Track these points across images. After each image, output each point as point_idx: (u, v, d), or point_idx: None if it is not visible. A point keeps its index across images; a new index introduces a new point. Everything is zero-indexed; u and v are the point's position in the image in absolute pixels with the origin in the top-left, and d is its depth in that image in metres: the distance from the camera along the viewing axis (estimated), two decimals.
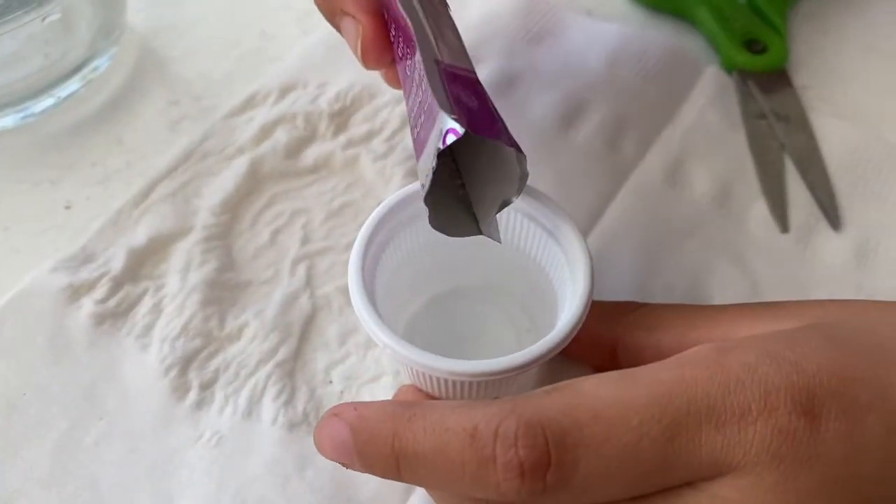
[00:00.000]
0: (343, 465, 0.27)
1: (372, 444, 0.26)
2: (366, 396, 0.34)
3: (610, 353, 0.32)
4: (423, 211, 0.28)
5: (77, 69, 0.42)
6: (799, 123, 0.42)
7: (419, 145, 0.28)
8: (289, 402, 0.33)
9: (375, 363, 0.35)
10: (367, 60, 0.32)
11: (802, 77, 0.45)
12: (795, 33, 0.47)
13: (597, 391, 0.25)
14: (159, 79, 0.44)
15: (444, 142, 0.25)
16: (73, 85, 0.42)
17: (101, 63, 0.43)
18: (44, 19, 0.39)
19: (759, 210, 0.40)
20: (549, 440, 0.24)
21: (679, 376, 0.24)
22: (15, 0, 0.37)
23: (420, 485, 0.27)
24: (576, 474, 0.24)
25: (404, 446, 0.25)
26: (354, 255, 0.29)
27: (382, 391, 0.34)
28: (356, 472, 0.31)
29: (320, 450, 0.27)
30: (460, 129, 0.25)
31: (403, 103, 0.42)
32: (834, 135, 0.42)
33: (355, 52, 0.32)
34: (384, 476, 0.27)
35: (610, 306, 0.33)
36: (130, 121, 0.42)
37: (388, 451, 0.26)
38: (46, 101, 0.42)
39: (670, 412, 0.24)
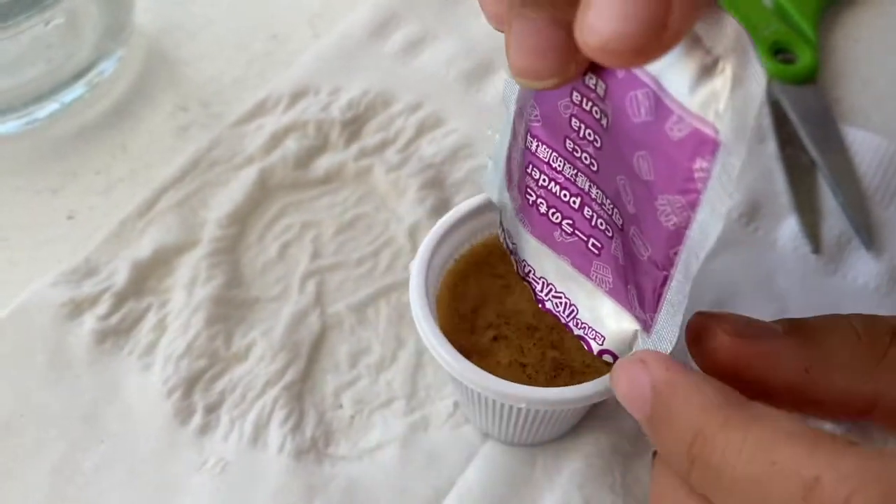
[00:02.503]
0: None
1: (669, 427, 0.21)
2: (378, 422, 0.32)
3: None
4: (486, 225, 0.30)
5: (83, 73, 0.41)
6: (831, 137, 0.40)
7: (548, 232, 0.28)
8: (296, 427, 0.32)
9: (387, 386, 0.33)
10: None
11: (834, 88, 0.43)
12: (826, 42, 0.45)
13: None
14: (167, 82, 0.43)
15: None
16: (78, 89, 0.41)
17: (108, 66, 0.42)
18: (47, 23, 0.38)
19: (790, 228, 0.38)
20: None
21: None
22: (17, 4, 0.36)
23: (708, 496, 0.21)
24: None
25: (707, 455, 0.20)
26: (416, 275, 0.28)
27: (395, 416, 0.33)
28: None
29: (613, 385, 0.23)
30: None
31: (419, 111, 0.41)
32: (867, 150, 0.40)
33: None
34: (671, 465, 0.22)
35: None
36: (136, 126, 0.41)
37: (683, 447, 0.21)
38: (51, 107, 0.40)
39: None
